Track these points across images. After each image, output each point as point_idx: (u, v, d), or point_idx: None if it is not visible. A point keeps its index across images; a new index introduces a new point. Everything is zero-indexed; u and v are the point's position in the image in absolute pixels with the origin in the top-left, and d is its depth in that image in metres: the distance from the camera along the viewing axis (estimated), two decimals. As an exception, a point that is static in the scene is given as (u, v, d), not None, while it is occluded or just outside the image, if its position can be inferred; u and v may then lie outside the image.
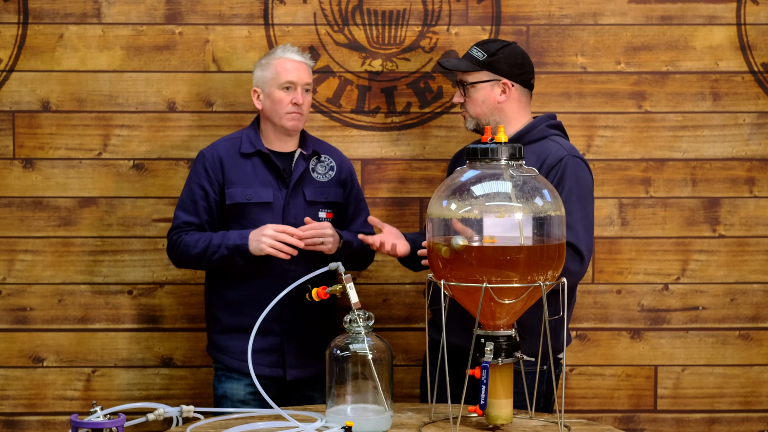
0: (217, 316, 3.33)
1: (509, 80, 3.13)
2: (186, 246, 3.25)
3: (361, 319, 2.61)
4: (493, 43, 3.19)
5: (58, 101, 3.68)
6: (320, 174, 3.35)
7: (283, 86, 3.28)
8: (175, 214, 3.32)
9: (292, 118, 3.28)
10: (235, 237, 3.19)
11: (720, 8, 3.71)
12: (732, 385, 3.77)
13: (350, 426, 2.46)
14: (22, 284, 3.71)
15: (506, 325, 2.57)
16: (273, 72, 3.29)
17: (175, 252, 3.29)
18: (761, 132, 3.74)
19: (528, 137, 3.09)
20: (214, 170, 3.29)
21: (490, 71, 3.14)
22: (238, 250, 3.17)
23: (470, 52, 3.19)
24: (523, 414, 2.76)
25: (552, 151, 3.04)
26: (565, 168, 3.00)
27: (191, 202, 3.30)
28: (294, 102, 3.27)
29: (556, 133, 3.15)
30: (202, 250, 3.22)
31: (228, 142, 3.35)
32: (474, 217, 2.53)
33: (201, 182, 3.30)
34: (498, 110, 3.14)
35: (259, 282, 3.24)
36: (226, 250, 3.19)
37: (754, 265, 3.76)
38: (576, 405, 3.75)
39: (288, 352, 3.28)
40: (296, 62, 3.30)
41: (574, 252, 2.93)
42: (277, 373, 3.27)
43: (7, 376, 3.73)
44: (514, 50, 3.18)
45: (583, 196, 3.01)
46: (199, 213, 3.29)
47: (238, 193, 3.27)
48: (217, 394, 3.33)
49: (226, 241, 3.19)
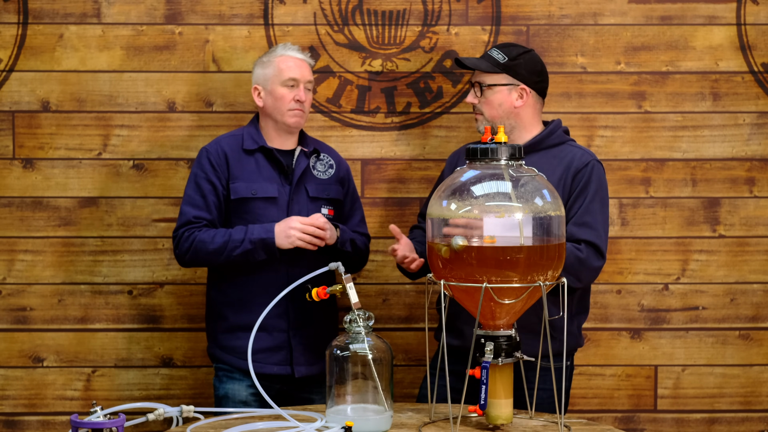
0: (224, 314, 3.30)
1: (527, 86, 3.15)
2: (201, 242, 3.19)
3: (361, 319, 2.61)
4: (514, 47, 3.20)
5: (58, 101, 3.68)
6: (320, 171, 3.35)
7: (286, 83, 3.28)
8: (183, 211, 3.26)
9: (294, 115, 3.28)
10: (259, 231, 3.16)
11: (720, 8, 3.71)
12: (732, 385, 3.77)
13: (350, 426, 2.46)
14: (22, 284, 3.71)
15: (506, 325, 2.57)
16: (275, 69, 3.29)
17: (187, 249, 3.21)
18: (761, 132, 3.74)
19: (548, 142, 3.15)
20: (220, 165, 3.28)
21: (510, 75, 3.15)
22: (264, 244, 3.14)
23: (490, 53, 3.19)
24: (523, 414, 2.76)
25: (577, 156, 3.12)
26: (591, 172, 3.09)
27: (200, 197, 3.25)
28: (296, 99, 3.27)
29: (571, 139, 3.24)
30: (221, 245, 3.17)
31: (230, 139, 3.34)
32: (474, 217, 2.53)
33: (209, 177, 3.26)
34: (514, 115, 3.15)
35: (265, 278, 3.22)
36: (250, 244, 3.15)
37: (754, 265, 3.76)
38: (576, 405, 3.75)
39: (296, 349, 3.27)
40: (298, 60, 3.31)
41: (596, 252, 3.04)
42: (285, 371, 3.26)
43: (7, 376, 3.73)
44: (534, 58, 3.20)
45: (603, 200, 3.12)
46: (209, 208, 3.24)
47: (243, 187, 3.25)
48: (218, 395, 3.31)
49: (250, 235, 3.15)
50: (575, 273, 2.97)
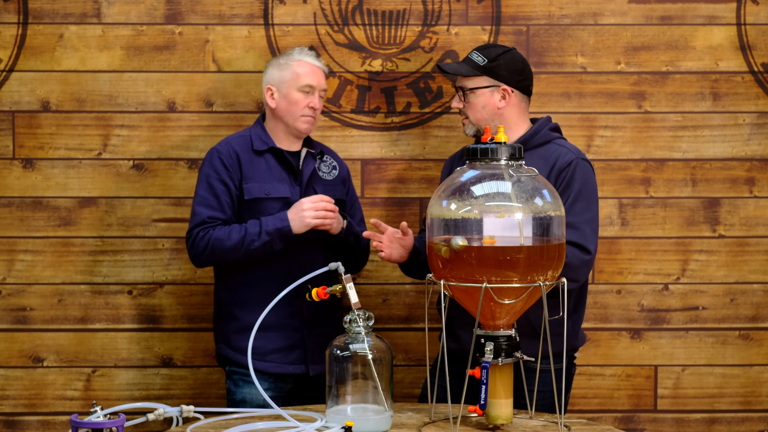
0: (236, 314, 3.28)
1: (509, 86, 3.13)
2: (218, 240, 3.18)
3: (361, 319, 2.61)
4: (494, 48, 3.18)
5: (58, 101, 3.68)
6: (325, 173, 3.37)
7: (303, 89, 3.28)
8: (196, 211, 3.24)
9: (306, 121, 3.30)
10: (273, 221, 3.17)
11: (720, 8, 3.71)
12: (732, 385, 3.77)
13: (350, 426, 2.46)
14: (22, 284, 3.71)
15: (506, 325, 2.57)
16: (292, 73, 3.29)
17: (204, 248, 3.20)
18: (761, 132, 3.74)
19: (533, 141, 3.11)
20: (232, 165, 3.27)
21: (490, 77, 3.13)
22: (280, 233, 3.15)
23: (470, 56, 3.18)
24: (523, 414, 2.76)
25: (561, 155, 3.07)
26: (574, 171, 3.04)
27: (214, 198, 3.24)
28: (311, 106, 3.28)
29: (558, 136, 3.19)
30: (239, 240, 3.16)
31: (239, 139, 3.33)
32: (474, 217, 2.53)
33: (222, 177, 3.25)
34: (498, 116, 3.14)
35: (279, 277, 3.20)
36: (267, 235, 3.15)
37: (754, 265, 3.76)
38: (576, 405, 3.75)
39: (309, 347, 3.27)
40: (315, 67, 3.32)
41: (583, 252, 2.98)
42: (300, 370, 3.26)
43: (7, 376, 3.73)
44: (515, 56, 3.17)
45: (590, 198, 3.06)
46: (224, 208, 3.24)
47: (256, 188, 3.25)
48: (234, 399, 3.28)
49: (265, 227, 3.16)
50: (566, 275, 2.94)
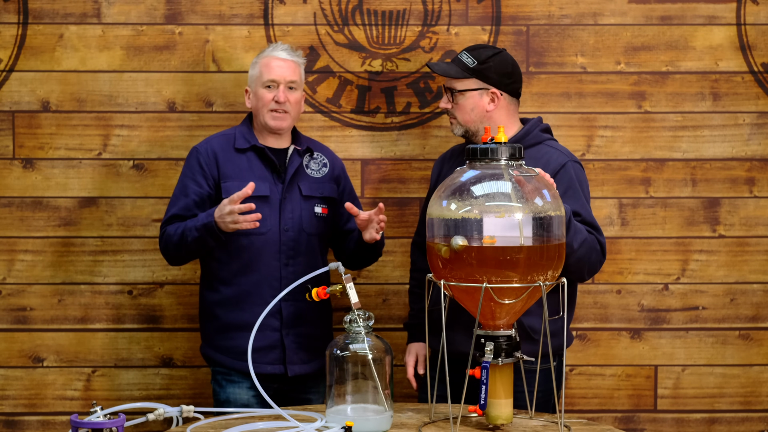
0: (215, 313, 3.31)
1: (498, 89, 3.12)
2: (168, 236, 3.23)
3: (361, 319, 2.61)
4: (484, 49, 3.17)
5: (58, 101, 3.68)
6: (314, 170, 3.35)
7: (266, 84, 3.28)
8: (166, 210, 3.30)
9: (273, 117, 3.28)
10: (203, 217, 3.16)
11: (720, 8, 3.71)
12: (732, 385, 3.77)
13: (350, 426, 2.46)
14: (22, 284, 3.71)
15: (506, 325, 2.57)
16: (258, 70, 3.30)
17: (164, 246, 3.26)
18: (761, 132, 3.74)
19: (523, 143, 3.09)
20: (209, 165, 3.28)
21: (479, 79, 3.12)
22: (206, 229, 3.14)
23: (460, 57, 3.16)
24: (523, 414, 2.76)
25: (553, 157, 3.07)
26: (567, 174, 3.04)
27: (183, 197, 3.27)
28: (275, 99, 3.26)
29: (549, 137, 3.19)
30: (180, 236, 3.19)
31: (221, 138, 3.34)
32: (474, 217, 2.53)
33: (195, 177, 3.28)
34: (487, 118, 3.12)
35: (257, 277, 3.23)
36: (196, 231, 3.16)
37: (754, 265, 3.76)
38: (576, 405, 3.75)
39: (288, 347, 3.27)
40: (282, 60, 3.29)
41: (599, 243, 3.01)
42: (278, 370, 3.26)
43: (7, 376, 3.73)
44: (505, 59, 3.16)
45: (587, 197, 3.08)
46: (189, 207, 3.25)
47: (234, 186, 3.24)
48: (219, 399, 3.30)
49: (196, 222, 3.17)
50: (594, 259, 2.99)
